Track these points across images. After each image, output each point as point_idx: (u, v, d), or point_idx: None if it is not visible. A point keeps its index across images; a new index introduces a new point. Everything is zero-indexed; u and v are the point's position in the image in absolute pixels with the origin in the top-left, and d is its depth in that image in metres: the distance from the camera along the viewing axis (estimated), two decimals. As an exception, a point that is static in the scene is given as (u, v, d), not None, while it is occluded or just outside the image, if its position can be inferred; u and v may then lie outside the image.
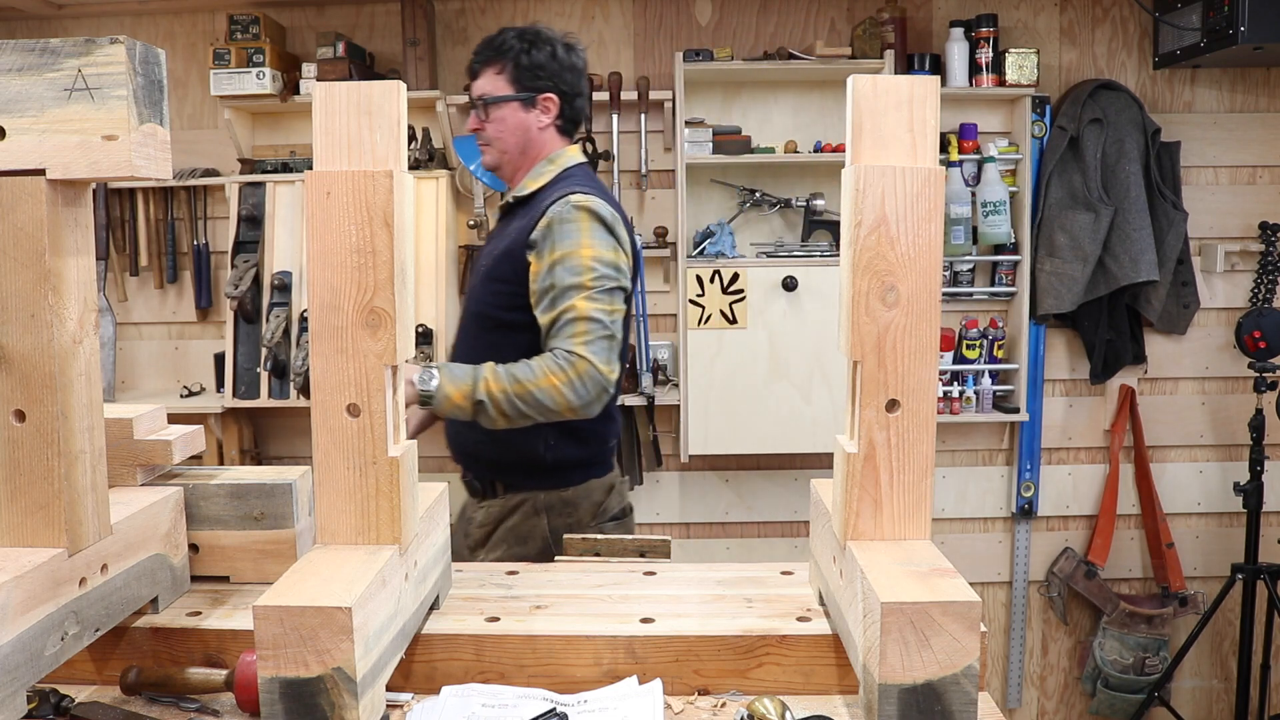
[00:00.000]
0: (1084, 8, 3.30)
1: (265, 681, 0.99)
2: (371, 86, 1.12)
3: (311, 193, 1.12)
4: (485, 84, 2.07)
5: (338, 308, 1.12)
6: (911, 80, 1.11)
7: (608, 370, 1.90)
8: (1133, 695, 3.34)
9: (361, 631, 1.01)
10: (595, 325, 1.89)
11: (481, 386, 1.87)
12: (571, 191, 1.96)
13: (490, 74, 2.07)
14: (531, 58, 2.04)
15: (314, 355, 1.13)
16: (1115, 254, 3.15)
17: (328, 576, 1.06)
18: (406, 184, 1.15)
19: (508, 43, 2.05)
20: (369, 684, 1.03)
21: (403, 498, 1.15)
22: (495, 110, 2.06)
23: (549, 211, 1.94)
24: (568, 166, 2.10)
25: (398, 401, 1.19)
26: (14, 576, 1.00)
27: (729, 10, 3.32)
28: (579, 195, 1.95)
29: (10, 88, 1.01)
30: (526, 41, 2.05)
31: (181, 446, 1.45)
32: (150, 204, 3.33)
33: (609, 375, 1.90)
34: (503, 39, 2.06)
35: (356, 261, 1.12)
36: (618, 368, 1.94)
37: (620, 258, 1.96)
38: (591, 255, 1.90)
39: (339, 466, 1.15)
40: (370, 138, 1.12)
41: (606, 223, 1.95)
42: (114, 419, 1.40)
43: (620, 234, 1.98)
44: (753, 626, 1.26)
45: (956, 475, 3.47)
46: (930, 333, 1.12)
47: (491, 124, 2.07)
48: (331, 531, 1.16)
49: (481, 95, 2.07)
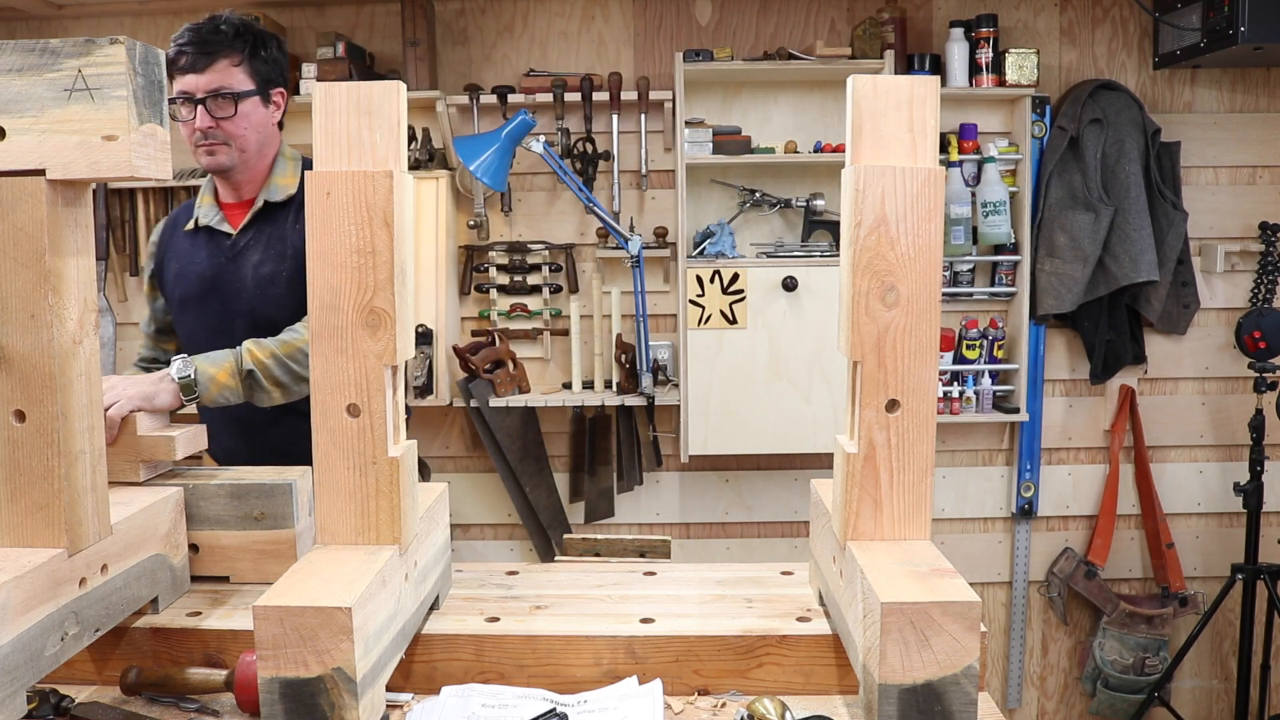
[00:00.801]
0: (1084, 8, 3.30)
1: (265, 681, 0.99)
2: (371, 87, 1.12)
3: (311, 193, 1.12)
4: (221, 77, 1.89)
5: (338, 308, 1.12)
6: (911, 80, 1.11)
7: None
8: (1133, 695, 3.34)
9: (361, 632, 1.01)
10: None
11: (247, 358, 1.75)
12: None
13: (225, 65, 1.89)
14: (265, 48, 1.95)
15: (313, 355, 1.13)
16: (1115, 254, 3.15)
17: (328, 577, 1.06)
18: (407, 184, 1.15)
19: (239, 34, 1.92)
20: (369, 684, 1.03)
21: (403, 498, 1.15)
22: (241, 105, 1.91)
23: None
24: (299, 158, 2.06)
25: (397, 401, 1.19)
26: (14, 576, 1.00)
27: (729, 10, 3.32)
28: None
29: (10, 88, 1.01)
30: (256, 32, 1.95)
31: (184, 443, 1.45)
32: (150, 204, 3.33)
33: None
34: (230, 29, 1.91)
35: (356, 262, 1.12)
36: None
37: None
38: None
39: (339, 466, 1.15)
40: (370, 138, 1.12)
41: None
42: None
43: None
44: (753, 626, 1.26)
45: (956, 475, 3.47)
46: (930, 333, 1.12)
47: (235, 121, 1.92)
48: (331, 531, 1.16)
49: (220, 88, 1.89)
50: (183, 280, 2.06)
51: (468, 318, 3.41)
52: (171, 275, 2.08)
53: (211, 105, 1.89)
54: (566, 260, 3.34)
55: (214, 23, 1.91)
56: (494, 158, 2.98)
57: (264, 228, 2.02)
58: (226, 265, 2.02)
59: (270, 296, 1.97)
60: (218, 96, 1.89)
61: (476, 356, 3.18)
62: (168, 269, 2.10)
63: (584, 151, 3.24)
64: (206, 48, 1.88)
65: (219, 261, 2.02)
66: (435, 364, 3.17)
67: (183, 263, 2.06)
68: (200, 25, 1.91)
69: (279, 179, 2.01)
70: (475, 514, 3.51)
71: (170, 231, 2.12)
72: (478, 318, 3.39)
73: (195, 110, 1.90)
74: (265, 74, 1.96)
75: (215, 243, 2.04)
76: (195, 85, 1.89)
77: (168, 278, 2.09)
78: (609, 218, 3.11)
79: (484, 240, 3.36)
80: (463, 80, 3.31)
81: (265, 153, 2.01)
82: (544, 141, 2.99)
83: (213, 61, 1.88)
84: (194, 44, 1.88)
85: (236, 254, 2.02)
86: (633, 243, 3.09)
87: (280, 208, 2.00)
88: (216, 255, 2.03)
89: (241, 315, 1.99)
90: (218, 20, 1.91)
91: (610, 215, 3.22)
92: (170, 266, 2.09)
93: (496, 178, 3.00)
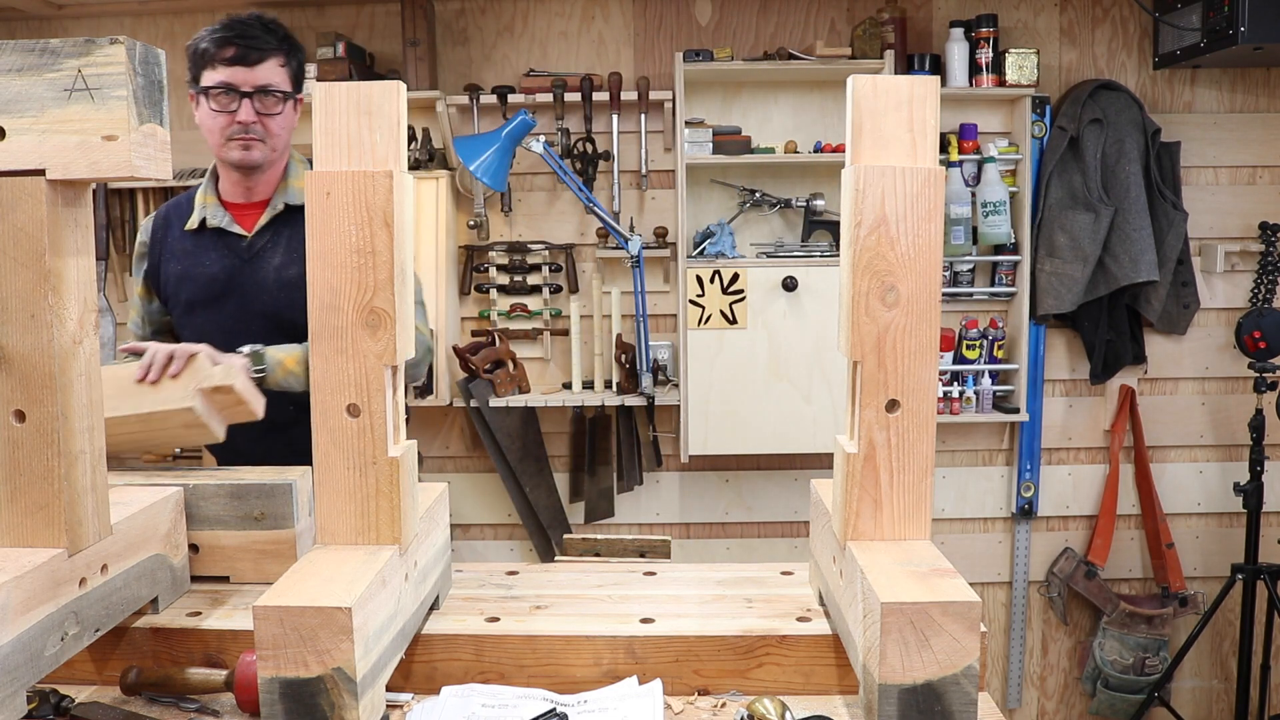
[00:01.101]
0: (1084, 8, 3.30)
1: (265, 682, 0.99)
2: (371, 87, 1.12)
3: (311, 193, 1.12)
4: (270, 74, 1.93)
5: (338, 308, 1.12)
6: (911, 80, 1.11)
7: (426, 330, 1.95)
8: (1133, 695, 3.33)
9: (361, 632, 1.01)
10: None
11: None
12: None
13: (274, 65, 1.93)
14: (299, 55, 2.00)
15: (313, 355, 1.13)
16: (1115, 254, 3.15)
17: (328, 577, 1.06)
18: (407, 184, 1.15)
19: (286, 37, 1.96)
20: (369, 684, 1.03)
21: (403, 498, 1.15)
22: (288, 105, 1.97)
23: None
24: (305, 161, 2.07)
25: (397, 401, 1.19)
26: (14, 576, 1.00)
27: (729, 10, 3.32)
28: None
29: (10, 88, 1.01)
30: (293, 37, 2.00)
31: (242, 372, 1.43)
32: (150, 204, 3.33)
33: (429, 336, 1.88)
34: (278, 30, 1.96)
35: (356, 262, 1.12)
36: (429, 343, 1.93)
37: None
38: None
39: (339, 466, 1.15)
40: (370, 138, 1.12)
41: None
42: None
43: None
44: (753, 626, 1.26)
45: (956, 475, 3.47)
46: (930, 333, 1.12)
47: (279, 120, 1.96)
48: (331, 532, 1.16)
49: (269, 85, 1.92)
50: (189, 282, 2.03)
51: (468, 318, 3.41)
52: (173, 276, 2.05)
53: (259, 101, 1.92)
54: (566, 260, 3.34)
55: (260, 20, 1.93)
56: (494, 158, 2.98)
57: (283, 230, 2.01)
58: (243, 267, 2.01)
59: (296, 300, 1.95)
60: (267, 93, 1.92)
61: (476, 356, 3.18)
62: (166, 269, 2.06)
63: (584, 151, 3.24)
64: (258, 43, 1.90)
65: (234, 263, 2.01)
66: (435, 364, 3.17)
67: (186, 264, 2.04)
68: (247, 20, 1.91)
69: (295, 181, 2.02)
70: (475, 514, 3.51)
71: (163, 230, 2.09)
72: (478, 318, 3.39)
73: (240, 102, 1.90)
74: (298, 78, 2.00)
75: (226, 244, 2.02)
76: (244, 79, 1.90)
77: (167, 279, 2.06)
78: (609, 218, 3.11)
79: (484, 240, 3.36)
80: (463, 80, 3.31)
81: (285, 154, 2.03)
82: (544, 141, 2.99)
83: (264, 58, 1.90)
84: (244, 38, 1.89)
85: (254, 256, 2.01)
86: (633, 243, 3.09)
87: (300, 211, 1.98)
88: (230, 257, 2.02)
89: (261, 317, 1.99)
90: (263, 19, 1.93)
91: (610, 215, 3.22)
92: (169, 267, 2.06)
93: (496, 178, 3.00)
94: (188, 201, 2.08)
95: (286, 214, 2.01)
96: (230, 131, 1.92)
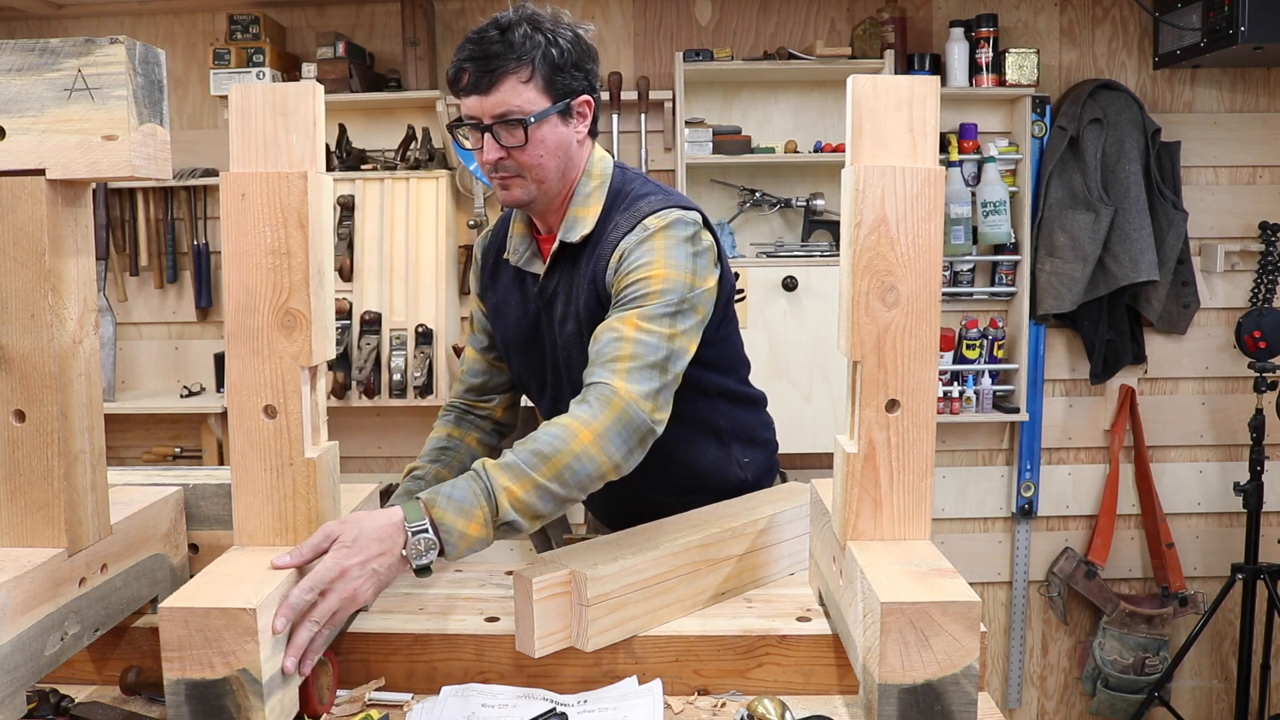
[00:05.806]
0: (1084, 8, 3.30)
1: (171, 683, 0.99)
2: (288, 87, 1.12)
3: (226, 195, 1.12)
4: (508, 97, 1.49)
5: (253, 309, 1.13)
6: (911, 80, 1.11)
7: (651, 408, 1.36)
8: (1133, 695, 3.33)
9: (268, 633, 1.01)
10: (642, 349, 1.39)
11: (504, 500, 1.25)
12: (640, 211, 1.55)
13: (513, 83, 1.49)
14: (562, 53, 1.52)
15: (230, 357, 1.14)
16: (1115, 254, 3.15)
17: (238, 578, 1.06)
18: (324, 185, 1.15)
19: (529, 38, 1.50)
20: (277, 686, 1.03)
21: (320, 499, 1.15)
22: (534, 131, 1.50)
23: (620, 245, 1.52)
24: (608, 175, 1.63)
25: (316, 402, 1.18)
26: (14, 576, 1.00)
27: (729, 10, 3.32)
28: (653, 217, 1.52)
29: (10, 88, 1.01)
30: (547, 33, 1.52)
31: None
32: (150, 204, 3.33)
33: (652, 414, 1.36)
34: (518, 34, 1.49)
35: (272, 263, 1.12)
36: (666, 407, 1.40)
37: (697, 278, 1.49)
38: (662, 276, 1.46)
39: (256, 467, 1.15)
40: (287, 139, 1.12)
41: (686, 236, 1.51)
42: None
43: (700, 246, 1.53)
44: (752, 626, 1.26)
45: (956, 475, 3.47)
46: (930, 333, 1.12)
47: (528, 150, 1.51)
48: (249, 533, 1.16)
49: (506, 113, 1.49)
50: (502, 321, 1.74)
51: (467, 318, 3.41)
52: (492, 308, 1.77)
53: (499, 132, 1.50)
54: (566, 260, 3.34)
55: (498, 26, 1.50)
56: (494, 158, 2.97)
57: (566, 270, 1.63)
58: (540, 313, 1.67)
59: (574, 361, 1.61)
60: (505, 123, 1.50)
61: (476, 356, 3.18)
62: (487, 299, 1.78)
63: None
64: (490, 63, 1.48)
65: (533, 308, 1.68)
66: (435, 364, 3.17)
67: (500, 298, 1.74)
68: (483, 33, 1.51)
69: (577, 210, 1.60)
70: (475, 514, 3.50)
71: (494, 251, 1.77)
72: (478, 318, 3.39)
73: (482, 138, 1.52)
74: (564, 84, 1.52)
75: (525, 285, 1.69)
76: (480, 109, 1.50)
77: (491, 308, 1.77)
78: (609, 218, 3.10)
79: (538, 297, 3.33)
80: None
81: (569, 176, 1.59)
82: (544, 141, 2.98)
83: (496, 80, 1.48)
84: (475, 59, 1.49)
85: (546, 302, 1.66)
86: (633, 243, 3.08)
87: (580, 247, 1.60)
88: (529, 301, 1.69)
89: (554, 371, 1.69)
90: (500, 23, 1.50)
91: (610, 215, 3.21)
92: (489, 298, 1.77)
93: (496, 178, 2.99)
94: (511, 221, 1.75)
95: (564, 251, 1.62)
96: (487, 170, 1.57)
